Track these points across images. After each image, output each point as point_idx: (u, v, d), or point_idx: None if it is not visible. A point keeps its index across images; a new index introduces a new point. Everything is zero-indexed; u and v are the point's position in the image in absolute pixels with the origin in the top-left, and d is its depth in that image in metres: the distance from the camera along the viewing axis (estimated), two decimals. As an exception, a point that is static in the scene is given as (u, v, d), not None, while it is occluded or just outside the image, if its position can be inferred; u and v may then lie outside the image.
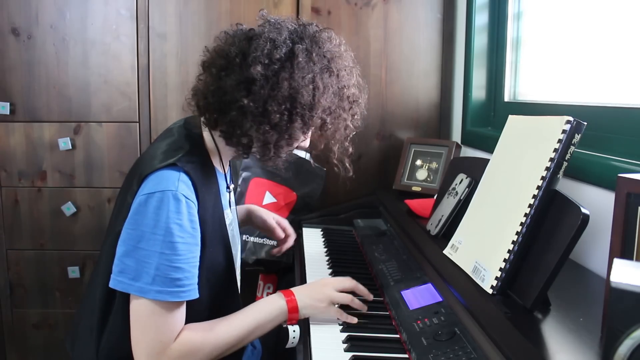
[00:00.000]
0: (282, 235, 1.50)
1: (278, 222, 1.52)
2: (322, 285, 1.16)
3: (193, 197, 1.02)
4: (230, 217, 1.22)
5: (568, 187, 1.21)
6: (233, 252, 1.18)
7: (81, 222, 2.06)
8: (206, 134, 1.14)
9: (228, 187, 1.23)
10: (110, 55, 2.00)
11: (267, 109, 1.01)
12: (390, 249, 1.48)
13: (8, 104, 1.99)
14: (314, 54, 1.04)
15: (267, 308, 1.11)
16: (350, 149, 1.20)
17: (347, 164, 1.21)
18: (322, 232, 1.81)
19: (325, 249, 1.64)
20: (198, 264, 1.03)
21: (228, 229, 1.16)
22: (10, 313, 2.10)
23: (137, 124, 2.02)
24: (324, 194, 1.99)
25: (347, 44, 1.15)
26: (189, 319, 1.03)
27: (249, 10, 1.99)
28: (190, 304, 1.03)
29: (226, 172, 1.22)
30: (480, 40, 1.89)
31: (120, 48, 1.99)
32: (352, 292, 1.17)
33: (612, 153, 1.17)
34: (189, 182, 1.02)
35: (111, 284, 0.99)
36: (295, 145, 1.12)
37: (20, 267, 2.07)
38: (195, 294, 1.01)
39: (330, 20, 2.00)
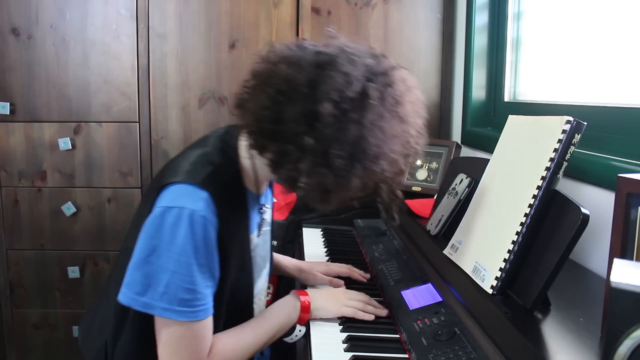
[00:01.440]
0: (340, 283, 1.34)
1: (327, 273, 1.38)
2: (337, 291, 1.21)
3: (214, 219, 0.94)
4: (255, 242, 1.14)
5: (568, 187, 1.21)
6: (255, 276, 1.14)
7: (81, 222, 2.06)
8: (242, 153, 1.04)
9: (261, 208, 1.14)
10: (110, 55, 2.00)
11: (329, 151, 0.88)
12: (390, 249, 1.48)
13: (8, 104, 1.99)
14: (386, 96, 0.91)
15: (286, 310, 1.12)
16: (400, 195, 1.06)
17: (395, 213, 1.08)
18: (322, 232, 1.81)
19: (325, 249, 1.64)
20: (212, 284, 0.97)
21: (252, 253, 1.11)
22: (10, 313, 2.10)
23: (137, 124, 2.02)
24: (324, 194, 1.98)
25: (418, 87, 0.99)
26: None
27: (249, 10, 1.99)
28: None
29: (261, 192, 1.12)
30: (480, 40, 1.89)
31: (120, 48, 1.99)
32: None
33: (612, 153, 1.17)
34: (211, 204, 0.94)
35: (118, 297, 0.94)
36: (349, 194, 0.95)
37: (20, 267, 2.07)
38: (205, 314, 0.95)
39: (330, 20, 2.00)
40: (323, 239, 1.74)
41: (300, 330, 1.14)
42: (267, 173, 1.02)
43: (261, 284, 1.21)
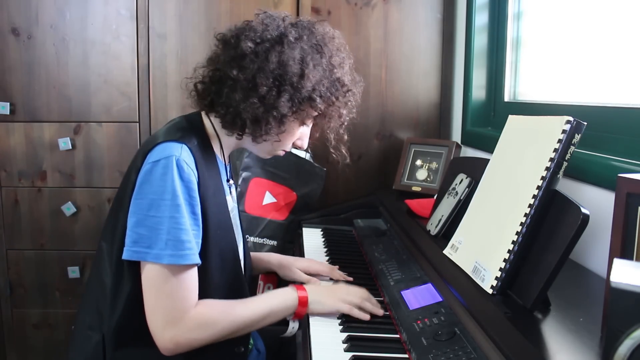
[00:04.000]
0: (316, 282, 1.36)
1: (307, 270, 1.40)
2: (336, 287, 1.22)
3: (194, 167, 1.04)
4: (232, 205, 1.21)
5: (568, 187, 1.21)
6: (237, 238, 1.18)
7: (81, 222, 2.06)
8: (206, 121, 1.17)
9: (228, 180, 1.22)
10: (110, 55, 2.00)
11: (255, 82, 1.04)
12: (390, 249, 1.48)
13: (8, 104, 1.99)
14: (305, 36, 1.09)
15: (281, 297, 1.14)
16: (346, 137, 1.24)
17: (344, 151, 1.26)
18: (322, 232, 1.81)
19: (325, 249, 1.64)
20: (197, 232, 1.03)
21: (230, 214, 1.16)
22: (10, 313, 2.10)
23: (137, 124, 2.02)
24: (324, 194, 1.98)
25: (347, 44, 1.18)
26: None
27: (249, 10, 1.99)
28: (203, 288, 1.05)
29: (227, 163, 1.22)
30: (480, 40, 1.89)
31: (120, 48, 1.99)
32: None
33: (612, 153, 1.17)
34: (191, 155, 1.04)
35: (126, 256, 1.00)
36: (287, 129, 1.11)
37: (20, 267, 2.07)
38: (198, 260, 1.02)
39: (330, 20, 2.00)
40: (323, 239, 1.74)
41: (293, 327, 1.15)
42: (227, 138, 1.16)
43: (242, 250, 1.24)
